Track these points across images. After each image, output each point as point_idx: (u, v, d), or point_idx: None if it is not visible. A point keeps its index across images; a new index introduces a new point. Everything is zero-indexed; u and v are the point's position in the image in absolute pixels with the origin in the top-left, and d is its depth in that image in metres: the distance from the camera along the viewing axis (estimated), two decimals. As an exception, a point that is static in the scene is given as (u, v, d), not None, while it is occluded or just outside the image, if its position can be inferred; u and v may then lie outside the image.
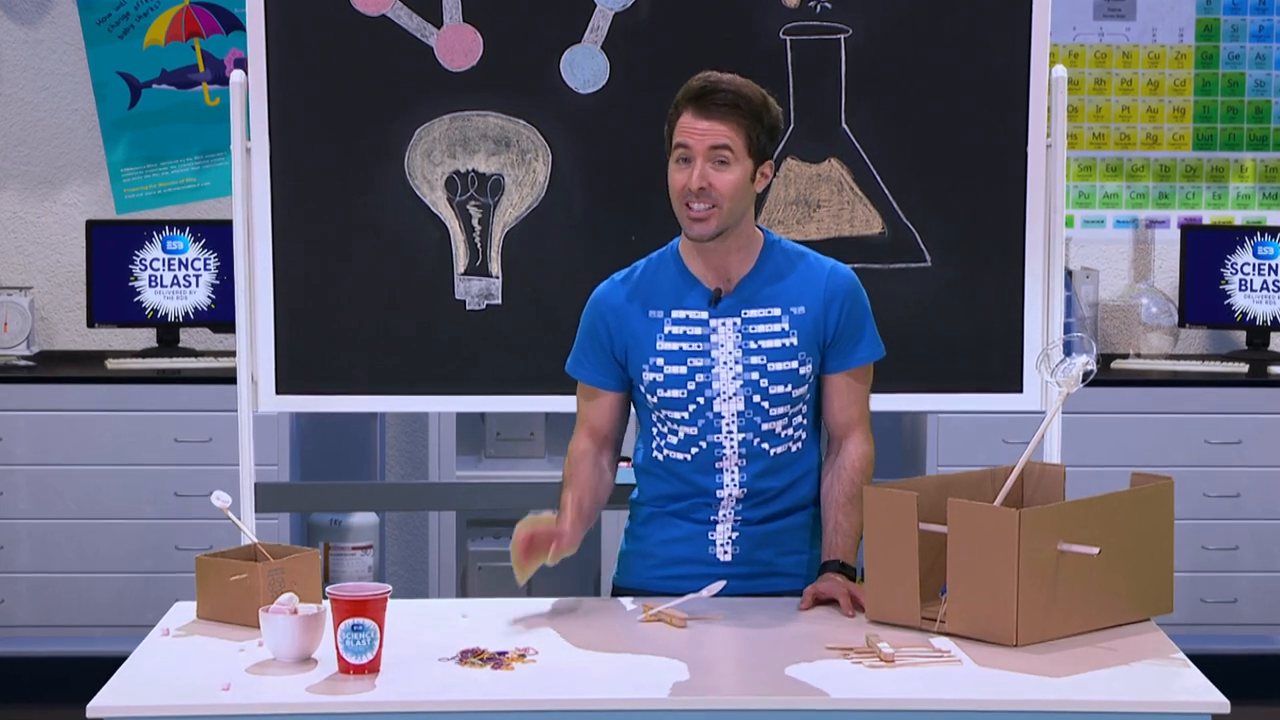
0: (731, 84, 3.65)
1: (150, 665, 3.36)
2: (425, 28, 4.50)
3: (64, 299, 6.64)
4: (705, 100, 3.63)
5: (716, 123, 3.62)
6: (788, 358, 3.73)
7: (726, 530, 3.79)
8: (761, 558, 3.80)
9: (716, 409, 3.73)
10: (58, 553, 6.07)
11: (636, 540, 3.88)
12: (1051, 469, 3.76)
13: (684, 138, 3.64)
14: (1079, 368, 3.62)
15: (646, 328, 3.74)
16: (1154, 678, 3.28)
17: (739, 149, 3.63)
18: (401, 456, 6.82)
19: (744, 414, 3.73)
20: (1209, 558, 6.12)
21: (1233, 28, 6.62)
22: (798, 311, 3.74)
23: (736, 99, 3.63)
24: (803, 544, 3.84)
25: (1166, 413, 6.14)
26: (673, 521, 3.82)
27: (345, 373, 4.58)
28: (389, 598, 3.28)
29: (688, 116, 3.64)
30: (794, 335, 3.73)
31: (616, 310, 3.77)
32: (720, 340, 3.73)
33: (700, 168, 3.62)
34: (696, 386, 3.73)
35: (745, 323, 3.73)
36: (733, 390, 3.72)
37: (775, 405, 3.74)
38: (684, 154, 3.64)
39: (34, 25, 6.54)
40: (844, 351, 3.78)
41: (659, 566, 3.83)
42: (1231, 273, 6.48)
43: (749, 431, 3.74)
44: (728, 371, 3.72)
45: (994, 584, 3.36)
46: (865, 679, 3.25)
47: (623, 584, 3.88)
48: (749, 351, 3.73)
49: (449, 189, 4.54)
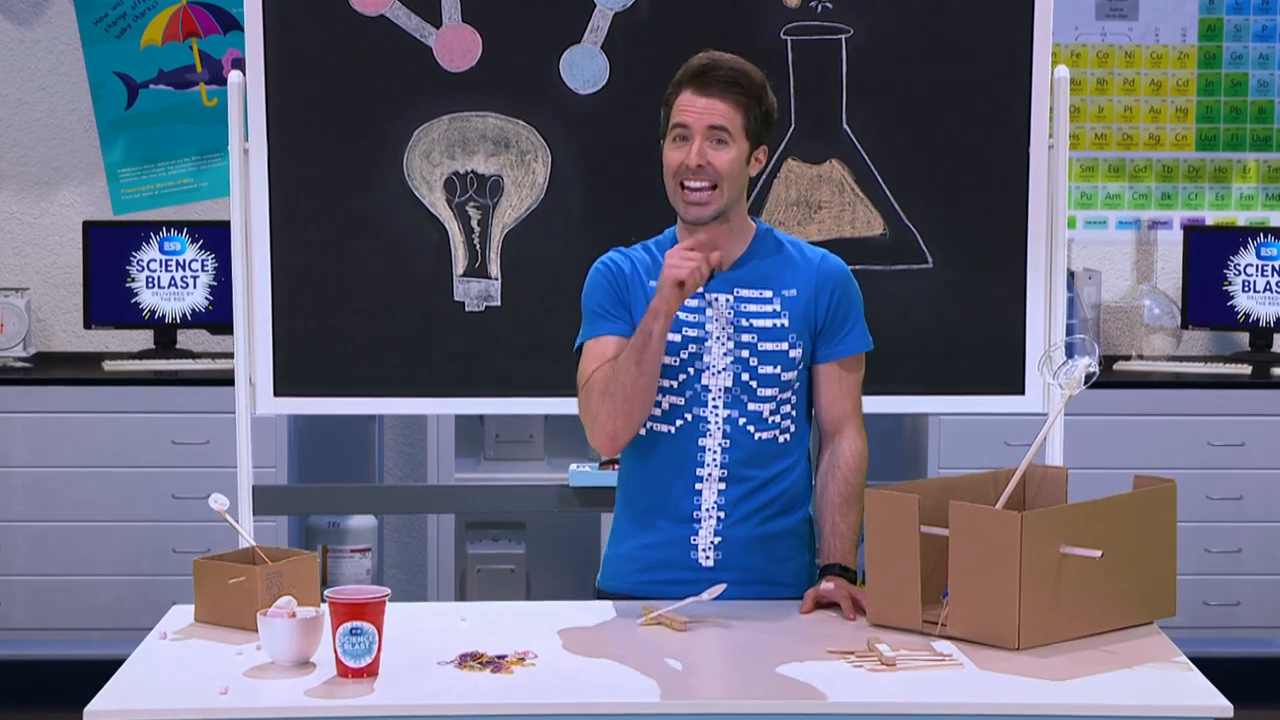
0: (733, 63, 3.63)
1: (147, 669, 3.35)
2: (424, 28, 4.50)
3: (61, 300, 6.63)
4: (706, 78, 3.61)
5: (716, 101, 3.60)
6: (778, 338, 3.72)
7: (709, 535, 3.75)
8: (749, 564, 3.76)
9: (705, 382, 3.71)
10: (54, 555, 6.06)
11: (619, 542, 3.85)
12: (1054, 471, 3.74)
13: (683, 116, 3.62)
14: (1081, 369, 3.60)
15: (646, 296, 3.71)
16: (1157, 681, 3.27)
17: (737, 130, 3.61)
18: (400, 459, 6.80)
19: (731, 390, 3.71)
20: (1212, 560, 6.12)
21: (1236, 27, 6.63)
22: (789, 294, 3.73)
23: (738, 77, 3.61)
24: (792, 551, 3.80)
25: (1169, 415, 6.13)
26: (655, 523, 3.78)
27: (344, 375, 4.58)
28: (388, 601, 3.26)
29: (687, 94, 3.62)
30: (785, 316, 3.72)
31: (624, 273, 3.75)
32: (714, 315, 3.71)
33: (699, 145, 3.60)
34: (689, 356, 3.70)
35: (738, 300, 3.72)
36: (722, 365, 3.70)
37: (763, 385, 3.71)
38: (682, 132, 3.62)
39: (30, 25, 6.53)
40: (834, 339, 3.76)
41: (641, 571, 3.80)
42: (1235, 274, 6.48)
43: (735, 409, 3.71)
44: (719, 346, 3.70)
45: (996, 587, 3.35)
46: (866, 682, 3.24)
47: (606, 588, 3.84)
48: (740, 329, 3.71)
49: (448, 190, 4.54)
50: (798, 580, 3.78)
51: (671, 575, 3.75)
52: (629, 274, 3.75)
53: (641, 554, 3.79)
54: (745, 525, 3.75)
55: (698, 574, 3.73)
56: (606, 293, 3.74)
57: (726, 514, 3.75)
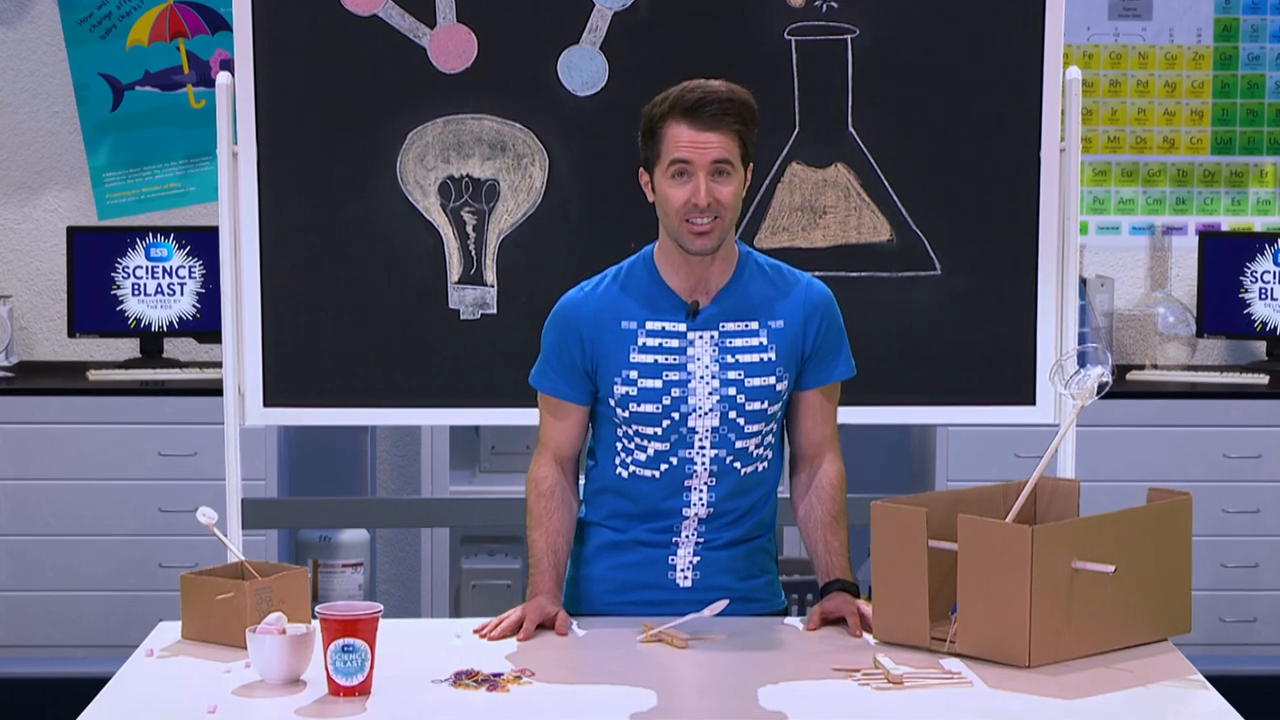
0: (725, 92, 3.58)
1: (133, 687, 3.35)
2: (418, 28, 4.50)
3: (44, 308, 6.65)
4: (701, 112, 3.56)
5: (715, 134, 3.56)
6: (765, 373, 3.70)
7: (688, 555, 3.75)
8: (720, 583, 3.76)
9: (691, 424, 3.69)
10: (37, 570, 6.07)
11: (587, 565, 3.83)
12: (1065, 484, 3.74)
13: (683, 153, 3.57)
14: (1093, 379, 3.60)
15: (619, 339, 3.70)
16: (1171, 700, 3.26)
17: (736, 159, 3.59)
18: (393, 471, 6.82)
19: (719, 430, 3.70)
20: (1228, 575, 6.15)
21: (1252, 28, 6.68)
22: (776, 325, 3.71)
23: (734, 108, 3.57)
24: (760, 567, 3.81)
25: (1184, 426, 6.15)
26: (629, 546, 3.77)
27: (335, 385, 4.57)
28: (380, 617, 3.27)
29: (684, 129, 3.57)
30: (772, 350, 3.71)
31: (587, 321, 3.72)
32: (697, 354, 3.69)
33: (705, 184, 3.56)
34: (672, 401, 3.69)
35: (723, 336, 3.70)
36: (708, 406, 3.69)
37: (751, 422, 3.70)
38: (683, 169, 3.58)
39: (13, 25, 6.56)
40: (821, 367, 3.75)
41: (614, 591, 3.79)
42: (1251, 281, 6.52)
43: (722, 448, 3.70)
44: (704, 387, 3.68)
45: (1006, 603, 3.34)
46: (873, 701, 3.23)
47: (574, 611, 3.78)
48: (726, 366, 3.69)
49: (442, 195, 4.53)
50: (767, 595, 3.81)
51: (648, 596, 3.75)
52: (592, 317, 3.71)
53: (616, 574, 3.79)
54: (722, 546, 3.76)
55: (675, 594, 3.74)
56: (558, 349, 3.73)
57: (705, 540, 3.75)
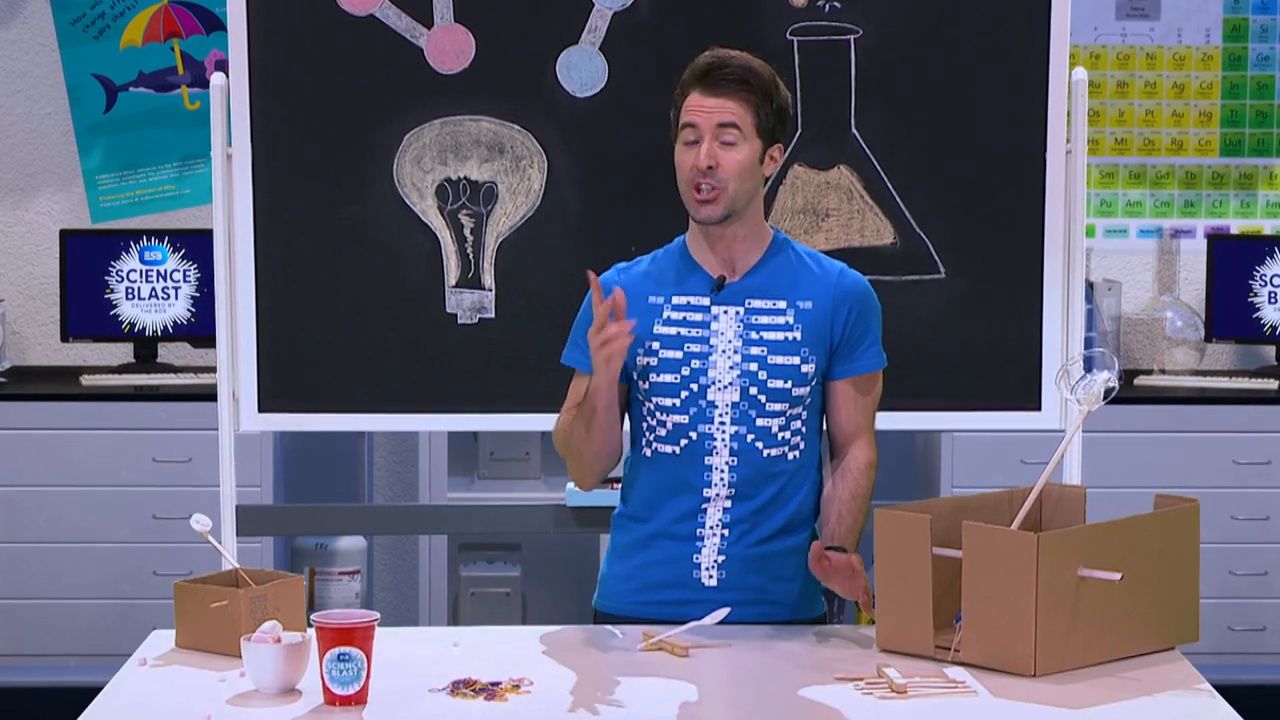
0: (740, 60, 3.67)
1: (126, 696, 3.34)
2: (415, 28, 4.49)
3: (36, 312, 6.65)
4: (713, 77, 3.64)
5: (724, 99, 3.63)
6: (790, 352, 3.71)
7: (712, 553, 3.74)
8: (750, 583, 3.75)
9: (710, 398, 3.71)
10: (29, 578, 6.06)
11: (617, 561, 3.85)
12: (1071, 490, 3.73)
13: (691, 116, 3.65)
14: (1100, 384, 3.60)
15: (645, 312, 3.73)
16: (1179, 710, 3.25)
17: (747, 128, 3.64)
18: (390, 477, 6.82)
19: (739, 405, 3.71)
20: (1237, 583, 6.16)
21: (1262, 28, 6.71)
22: (804, 306, 3.73)
23: (745, 75, 3.65)
24: (796, 571, 3.78)
25: (1192, 431, 6.16)
26: (656, 542, 3.77)
27: (331, 390, 4.57)
28: (377, 625, 3.26)
29: (695, 95, 3.65)
30: (798, 330, 3.72)
31: None
32: (721, 328, 3.72)
33: (708, 146, 3.63)
34: (691, 373, 3.71)
35: (748, 313, 3.73)
36: (729, 380, 3.70)
37: (773, 400, 3.71)
38: (691, 134, 3.65)
39: (5, 25, 6.57)
40: (849, 357, 3.76)
41: (641, 591, 3.79)
42: (1261, 285, 6.52)
43: (742, 425, 3.71)
44: (725, 360, 3.71)
45: (1011, 611, 3.33)
46: (876, 710, 3.22)
47: (604, 608, 3.84)
48: (749, 342, 3.71)
49: (440, 197, 4.52)
50: (799, 602, 3.79)
51: (673, 595, 3.75)
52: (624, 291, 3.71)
53: (641, 573, 3.78)
54: (750, 544, 3.75)
55: (701, 594, 3.73)
56: (584, 323, 3.74)
57: (730, 531, 3.74)
